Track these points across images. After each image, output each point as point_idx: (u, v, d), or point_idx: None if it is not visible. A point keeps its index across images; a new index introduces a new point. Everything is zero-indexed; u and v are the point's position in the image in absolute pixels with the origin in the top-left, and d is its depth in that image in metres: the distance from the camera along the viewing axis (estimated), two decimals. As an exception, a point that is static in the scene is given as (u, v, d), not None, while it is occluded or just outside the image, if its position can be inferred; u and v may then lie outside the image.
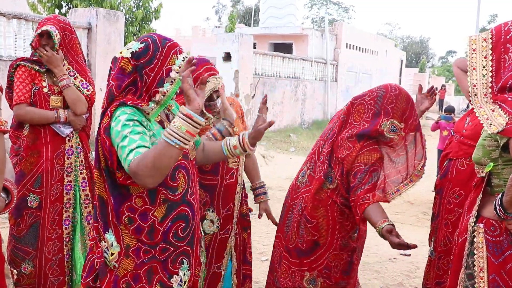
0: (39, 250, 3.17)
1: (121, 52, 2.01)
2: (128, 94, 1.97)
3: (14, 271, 2.04)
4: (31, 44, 3.17)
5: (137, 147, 1.83)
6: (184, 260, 2.05)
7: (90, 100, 3.29)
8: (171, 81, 1.96)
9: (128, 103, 1.92)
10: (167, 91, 1.96)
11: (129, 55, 1.97)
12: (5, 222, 5.13)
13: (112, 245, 2.01)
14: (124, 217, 1.97)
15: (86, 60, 3.39)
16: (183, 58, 1.98)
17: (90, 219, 3.29)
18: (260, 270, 4.34)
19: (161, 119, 2.08)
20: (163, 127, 2.04)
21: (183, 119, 1.79)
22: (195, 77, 2.72)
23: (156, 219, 1.98)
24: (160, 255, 2.00)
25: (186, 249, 2.06)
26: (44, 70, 3.17)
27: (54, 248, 3.21)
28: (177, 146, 1.79)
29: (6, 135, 1.75)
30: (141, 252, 1.99)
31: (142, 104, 1.94)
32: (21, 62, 3.16)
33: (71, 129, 3.24)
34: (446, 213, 3.21)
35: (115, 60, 2.02)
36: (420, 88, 3.18)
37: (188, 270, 2.07)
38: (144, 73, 1.96)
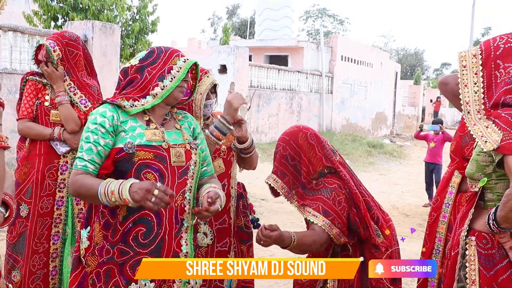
0: (25, 261, 3.16)
1: (130, 62, 2.17)
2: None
3: (10, 285, 2.05)
4: (34, 58, 3.25)
5: (78, 158, 2.03)
6: None
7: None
8: (171, 78, 2.10)
9: (108, 100, 2.09)
10: (166, 85, 2.09)
11: (137, 62, 2.15)
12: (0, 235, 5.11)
13: (83, 241, 2.09)
14: (100, 210, 2.07)
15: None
16: (184, 60, 2.14)
17: None
18: (255, 283, 4.32)
19: (150, 119, 2.14)
20: (147, 126, 2.11)
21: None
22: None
23: (119, 217, 2.02)
24: (118, 258, 2.01)
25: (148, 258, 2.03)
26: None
27: (39, 262, 3.18)
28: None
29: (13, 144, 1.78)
30: (103, 251, 2.02)
31: (120, 99, 2.09)
32: (30, 77, 3.26)
33: (68, 148, 3.24)
34: (428, 217, 3.37)
35: (125, 71, 2.18)
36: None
37: (151, 282, 2.03)
38: (146, 71, 2.11)
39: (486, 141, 1.84)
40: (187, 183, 2.13)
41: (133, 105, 2.08)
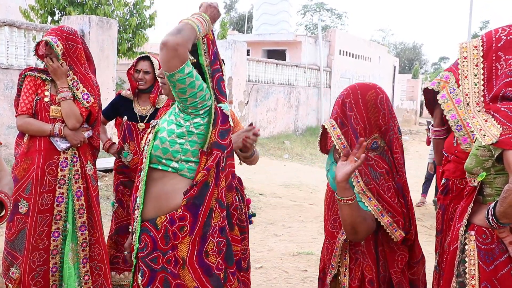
0: (25, 258, 3.15)
1: None
2: None
3: (10, 285, 2.04)
4: (36, 54, 3.27)
5: None
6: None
7: (92, 112, 3.33)
8: None
9: None
10: None
11: None
12: (-3, 231, 5.09)
13: None
14: None
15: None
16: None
17: (84, 229, 3.27)
18: (254, 278, 4.32)
19: None
20: None
21: None
22: None
23: None
24: None
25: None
26: (50, 79, 3.26)
27: (39, 259, 3.17)
28: None
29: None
30: None
31: None
32: (29, 73, 3.27)
33: (68, 145, 3.24)
34: (449, 230, 3.22)
35: None
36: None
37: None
38: None
39: (484, 135, 1.82)
40: None
41: None
